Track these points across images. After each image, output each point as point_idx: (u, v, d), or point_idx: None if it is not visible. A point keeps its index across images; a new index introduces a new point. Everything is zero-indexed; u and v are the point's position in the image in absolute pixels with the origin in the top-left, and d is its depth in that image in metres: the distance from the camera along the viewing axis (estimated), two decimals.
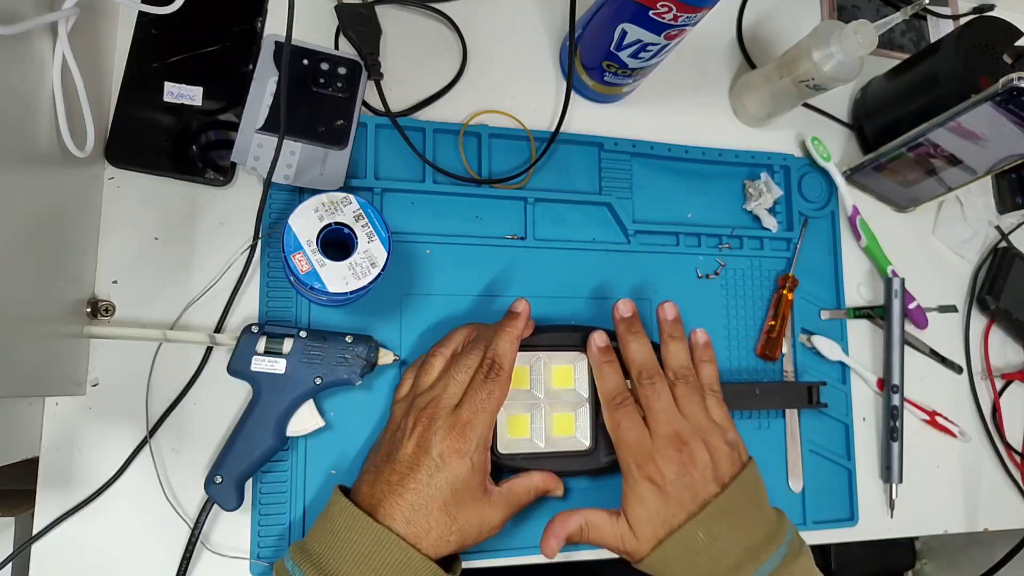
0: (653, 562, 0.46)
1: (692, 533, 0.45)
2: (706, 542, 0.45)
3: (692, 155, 0.62)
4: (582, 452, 0.51)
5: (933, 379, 0.67)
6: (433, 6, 0.59)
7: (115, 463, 0.47)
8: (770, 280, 0.63)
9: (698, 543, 0.45)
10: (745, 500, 0.47)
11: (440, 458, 0.43)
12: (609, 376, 0.50)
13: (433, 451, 0.43)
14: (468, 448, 0.44)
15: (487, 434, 0.45)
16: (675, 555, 0.45)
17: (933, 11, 0.77)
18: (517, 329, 0.47)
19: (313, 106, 0.52)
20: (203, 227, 0.51)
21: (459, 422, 0.44)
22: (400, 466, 0.43)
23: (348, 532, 0.41)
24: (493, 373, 0.45)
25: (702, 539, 0.45)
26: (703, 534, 0.45)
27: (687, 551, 0.45)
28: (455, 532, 0.43)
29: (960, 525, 0.66)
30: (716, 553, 0.44)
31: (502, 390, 0.46)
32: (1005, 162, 0.60)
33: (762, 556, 0.44)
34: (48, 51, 0.41)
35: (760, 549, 0.45)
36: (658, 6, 0.47)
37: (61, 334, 0.44)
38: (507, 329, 0.47)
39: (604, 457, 0.51)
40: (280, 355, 0.47)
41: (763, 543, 0.45)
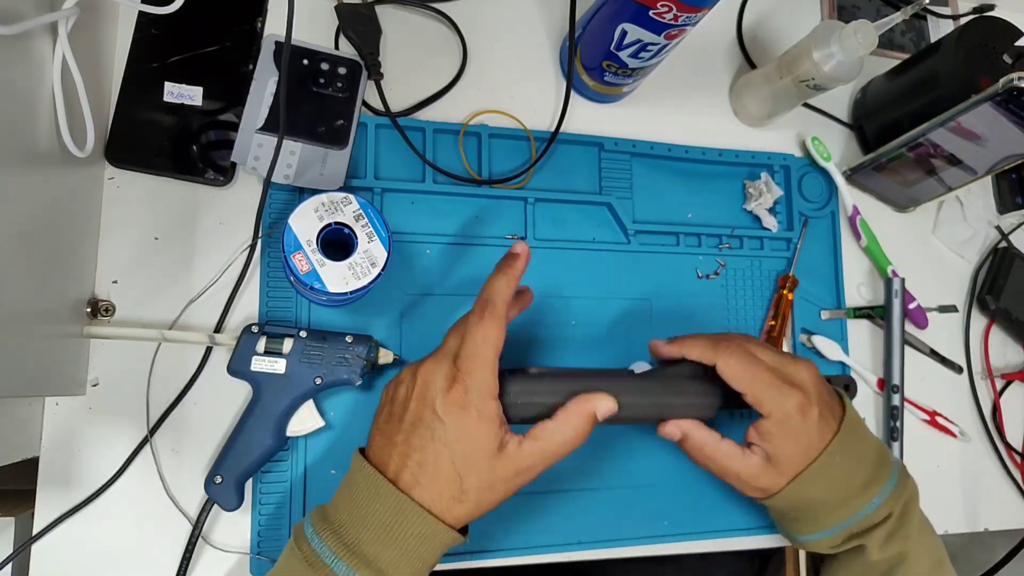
0: (790, 492, 0.46)
1: (831, 459, 0.46)
2: (841, 465, 0.46)
3: (692, 155, 0.62)
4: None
5: (933, 379, 0.67)
6: (433, 6, 0.59)
7: (115, 463, 0.47)
8: (770, 280, 0.63)
9: (835, 467, 0.46)
10: (859, 421, 0.49)
11: (443, 412, 0.40)
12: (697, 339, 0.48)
13: (435, 404, 0.40)
14: (469, 398, 0.40)
15: (491, 380, 0.41)
16: (814, 482, 0.46)
17: (933, 11, 0.77)
18: (515, 270, 0.44)
19: (313, 106, 0.52)
20: (203, 227, 0.51)
21: (458, 371, 0.41)
22: (404, 424, 0.41)
23: (370, 501, 0.39)
24: (487, 313, 0.42)
25: (839, 463, 0.46)
26: (840, 458, 0.46)
27: (825, 477, 0.46)
28: (468, 491, 0.40)
29: (960, 525, 0.66)
30: (849, 473, 0.47)
31: (497, 330, 0.42)
32: (1005, 162, 0.60)
33: (884, 470, 0.48)
34: (48, 51, 0.41)
35: (881, 464, 0.48)
36: (658, 6, 0.47)
37: (61, 334, 0.44)
38: (503, 269, 0.44)
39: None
40: (280, 355, 0.47)
41: (881, 459, 0.48)
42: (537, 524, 0.53)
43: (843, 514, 0.47)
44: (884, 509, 0.46)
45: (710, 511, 0.57)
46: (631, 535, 0.55)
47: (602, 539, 0.54)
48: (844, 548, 0.48)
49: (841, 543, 0.48)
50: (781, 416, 0.46)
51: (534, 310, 0.56)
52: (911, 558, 0.47)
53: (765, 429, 0.46)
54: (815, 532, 0.48)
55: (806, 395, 0.46)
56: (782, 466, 0.46)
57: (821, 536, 0.48)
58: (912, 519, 0.48)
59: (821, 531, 0.48)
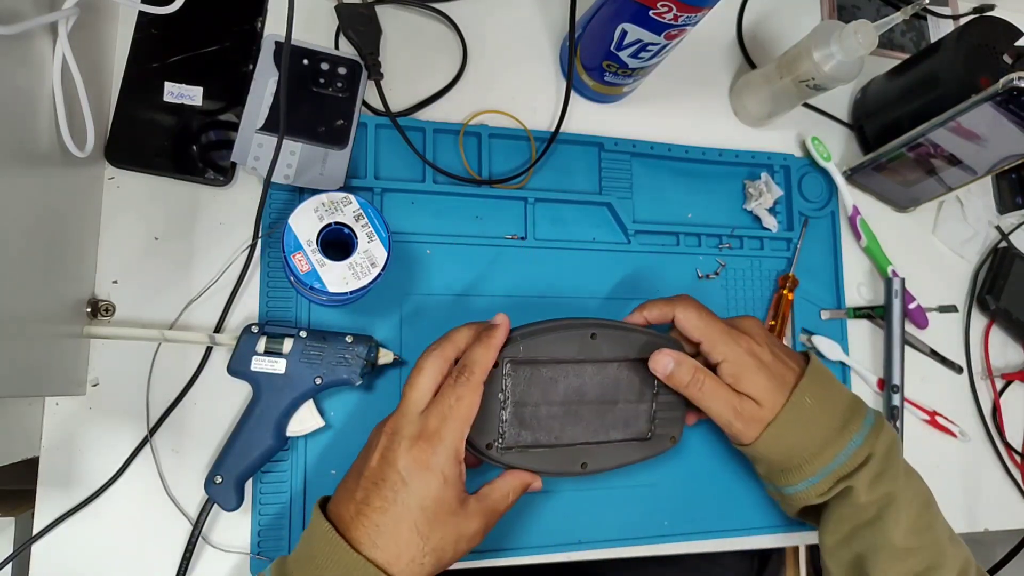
0: (769, 438, 0.48)
1: (800, 399, 0.48)
2: (813, 407, 0.48)
3: (692, 155, 0.62)
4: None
5: (933, 379, 0.67)
6: (433, 6, 0.59)
7: (115, 463, 0.47)
8: (770, 280, 0.63)
9: (807, 408, 0.48)
10: (826, 373, 0.51)
11: (406, 472, 0.40)
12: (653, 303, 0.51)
13: (398, 464, 0.40)
14: (436, 460, 0.40)
15: (458, 444, 0.41)
16: (789, 425, 0.48)
17: (933, 11, 0.77)
18: (496, 340, 0.44)
19: (313, 106, 0.52)
20: (203, 227, 0.51)
21: (425, 431, 0.40)
22: (365, 482, 0.40)
23: (326, 560, 0.39)
24: (464, 378, 0.42)
25: (810, 404, 0.48)
26: (810, 399, 0.48)
27: (799, 419, 0.48)
28: (428, 554, 0.40)
29: (960, 525, 0.66)
30: (823, 415, 0.48)
31: (472, 396, 0.42)
32: (1005, 162, 0.60)
33: (860, 412, 0.49)
34: (48, 51, 0.41)
35: (856, 406, 0.50)
36: (658, 6, 0.47)
37: (61, 334, 0.44)
38: (484, 340, 0.44)
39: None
40: (280, 355, 0.47)
41: (854, 403, 0.50)
42: (537, 524, 0.53)
43: (825, 457, 0.48)
44: (864, 449, 0.47)
45: (710, 511, 0.57)
46: (631, 535, 0.55)
47: (602, 539, 0.54)
48: (833, 493, 0.48)
49: (828, 489, 0.48)
50: (735, 357, 0.48)
51: (534, 310, 0.56)
52: (900, 499, 0.47)
53: (731, 371, 0.48)
54: (802, 480, 0.49)
55: (753, 338, 0.49)
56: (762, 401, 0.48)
57: (809, 483, 0.48)
58: (896, 462, 0.49)
59: (808, 478, 0.48)
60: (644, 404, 0.51)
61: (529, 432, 0.48)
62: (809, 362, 0.50)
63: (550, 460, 0.48)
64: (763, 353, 0.49)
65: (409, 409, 0.42)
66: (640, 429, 0.51)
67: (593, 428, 0.50)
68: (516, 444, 0.47)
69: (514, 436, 0.47)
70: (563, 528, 0.54)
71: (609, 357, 0.50)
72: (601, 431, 0.50)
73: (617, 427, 0.50)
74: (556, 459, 0.49)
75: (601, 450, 0.50)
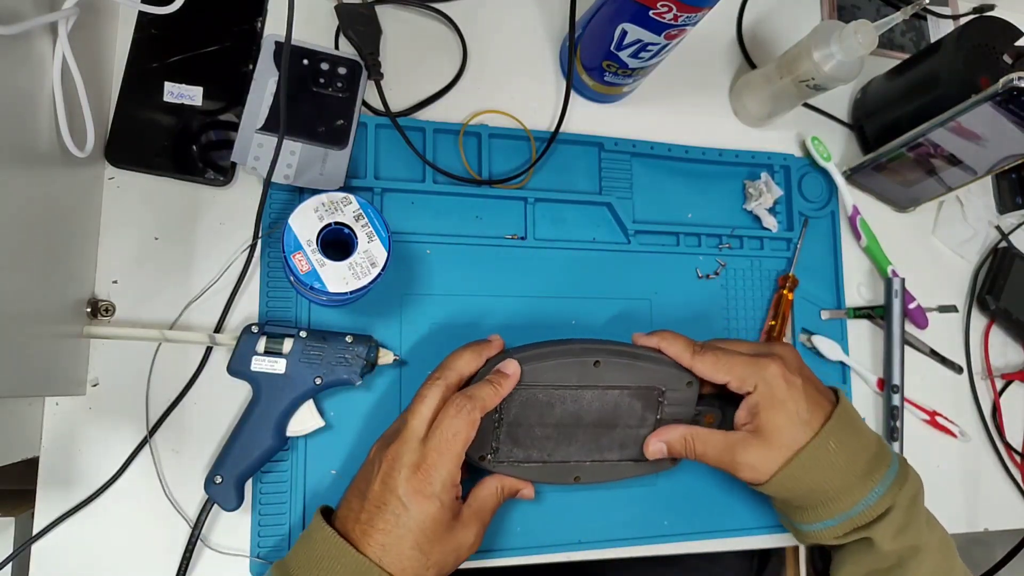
0: (785, 478, 0.46)
1: (824, 443, 0.46)
2: (837, 452, 0.46)
3: (692, 155, 0.62)
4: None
5: (933, 379, 0.67)
6: (433, 6, 0.59)
7: (115, 463, 0.47)
8: (770, 280, 0.63)
9: (830, 453, 0.46)
10: (853, 415, 0.49)
11: (406, 499, 0.42)
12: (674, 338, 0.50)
13: (399, 491, 0.42)
14: (433, 489, 0.42)
15: (454, 472, 0.43)
16: (809, 468, 0.46)
17: (933, 11, 0.77)
18: (504, 389, 0.45)
19: (313, 106, 0.52)
20: (203, 227, 0.51)
21: (424, 462, 0.42)
22: (369, 504, 0.42)
23: (330, 561, 0.41)
24: (465, 410, 0.43)
25: (834, 449, 0.46)
26: (834, 444, 0.46)
27: (820, 462, 0.46)
28: (431, 567, 0.42)
29: (960, 525, 0.66)
30: (846, 460, 0.46)
31: (469, 431, 0.43)
32: (1005, 162, 0.60)
33: (884, 462, 0.47)
34: (48, 51, 0.41)
35: (880, 456, 0.47)
36: (658, 6, 0.47)
37: (61, 334, 0.44)
38: (495, 384, 0.45)
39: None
40: (280, 355, 0.47)
41: (880, 450, 0.48)
42: (537, 524, 0.53)
43: (844, 504, 0.46)
44: (886, 500, 0.46)
45: (710, 511, 0.57)
46: (631, 535, 0.55)
47: (602, 539, 0.54)
48: (850, 539, 0.47)
49: (845, 534, 0.47)
50: (764, 387, 0.47)
51: (534, 310, 0.56)
52: (924, 551, 0.47)
53: (752, 402, 0.47)
54: (818, 521, 0.48)
55: (785, 363, 0.47)
56: (772, 441, 0.46)
57: (825, 525, 0.48)
58: (920, 512, 0.48)
59: (824, 520, 0.47)
60: (645, 429, 0.50)
61: (521, 450, 0.48)
62: (839, 402, 0.48)
63: (542, 473, 0.49)
64: (793, 381, 0.47)
65: (410, 436, 0.43)
66: (638, 452, 0.50)
67: (588, 449, 0.50)
68: (508, 459, 0.48)
69: (507, 452, 0.48)
70: (563, 528, 0.54)
71: (611, 385, 0.48)
72: (596, 452, 0.50)
73: (613, 449, 0.50)
74: (548, 472, 0.49)
75: (595, 467, 0.50)
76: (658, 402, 0.49)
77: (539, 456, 0.49)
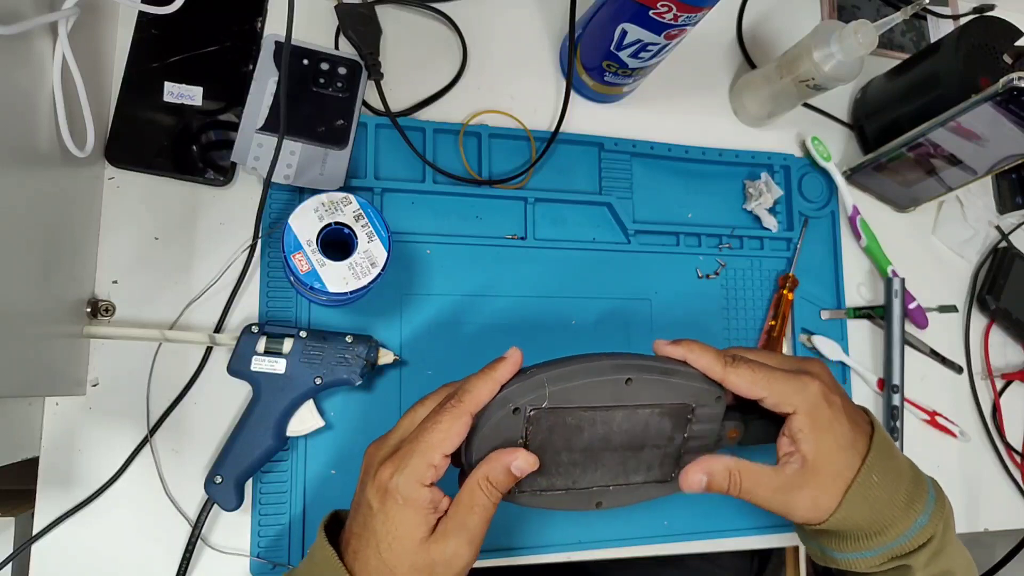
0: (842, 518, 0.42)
1: (868, 478, 0.43)
2: (880, 484, 0.43)
3: (692, 155, 0.62)
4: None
5: (933, 379, 0.67)
6: (433, 6, 0.59)
7: (115, 463, 0.47)
8: (770, 280, 0.63)
9: (875, 486, 0.43)
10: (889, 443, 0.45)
11: (372, 496, 0.38)
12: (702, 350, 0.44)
13: (367, 490, 0.38)
14: (396, 483, 0.37)
15: (422, 469, 0.37)
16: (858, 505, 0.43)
17: (933, 11, 0.77)
18: (498, 373, 0.40)
19: (313, 106, 0.52)
20: (203, 227, 0.51)
21: (394, 456, 0.39)
22: (352, 508, 0.40)
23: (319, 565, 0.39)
24: (449, 404, 0.39)
25: (877, 482, 0.43)
26: (877, 476, 0.43)
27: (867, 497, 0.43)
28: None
29: (960, 525, 0.66)
30: (889, 492, 0.43)
31: (451, 423, 0.38)
32: (1005, 162, 0.60)
33: (922, 488, 0.44)
34: (48, 51, 0.41)
35: (918, 482, 0.44)
36: (658, 6, 0.47)
37: (61, 334, 0.44)
38: (488, 370, 0.40)
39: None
40: (280, 355, 0.47)
41: (916, 476, 0.45)
42: (538, 524, 0.53)
43: (887, 537, 0.43)
44: (928, 529, 0.43)
45: (710, 511, 0.57)
46: (631, 535, 0.55)
47: (602, 539, 0.54)
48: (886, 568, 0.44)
49: (881, 564, 0.44)
50: (807, 406, 0.42)
51: (534, 310, 0.56)
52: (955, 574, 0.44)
53: (796, 427, 0.43)
54: (855, 552, 0.44)
55: (823, 383, 0.43)
56: (823, 472, 0.42)
57: (861, 556, 0.44)
58: (952, 537, 0.45)
59: (862, 551, 0.44)
60: (672, 448, 0.46)
61: (545, 478, 0.44)
62: (874, 429, 0.44)
63: (564, 501, 0.45)
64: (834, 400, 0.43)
65: (392, 435, 0.41)
66: (664, 472, 0.47)
67: (614, 473, 0.46)
68: (530, 489, 0.44)
69: (529, 482, 0.44)
70: (563, 528, 0.54)
71: (644, 403, 0.44)
72: (622, 475, 0.46)
73: (640, 471, 0.46)
74: (570, 500, 0.45)
75: (618, 491, 0.46)
76: (687, 419, 0.45)
77: (563, 484, 0.45)
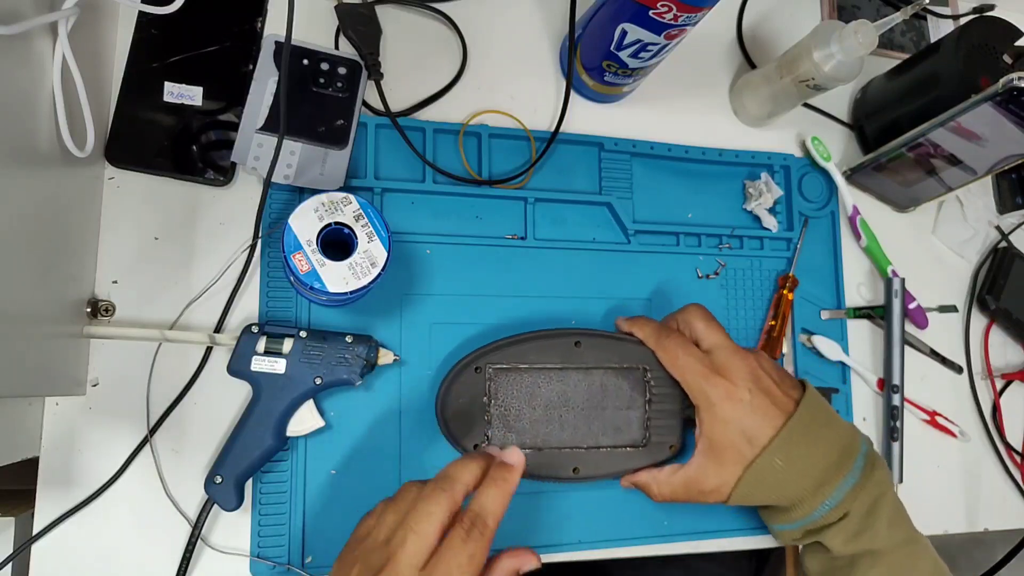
0: (739, 497, 0.47)
1: (769, 462, 0.46)
2: (784, 469, 0.46)
3: (692, 155, 0.62)
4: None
5: (933, 379, 0.67)
6: (433, 6, 0.59)
7: (115, 463, 0.47)
8: (770, 280, 0.63)
9: (775, 471, 0.46)
10: (814, 418, 0.48)
11: None
12: (645, 323, 0.52)
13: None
14: None
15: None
16: (754, 488, 0.46)
17: (933, 11, 0.77)
18: (511, 484, 0.37)
19: (313, 106, 0.52)
20: (203, 227, 0.51)
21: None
22: None
23: None
24: (477, 531, 0.35)
25: (780, 467, 0.46)
26: (781, 460, 0.46)
27: (763, 483, 0.46)
28: None
29: (960, 525, 0.66)
30: (796, 476, 0.46)
31: (484, 553, 0.35)
32: (1005, 162, 0.60)
33: (842, 471, 0.46)
34: (48, 51, 0.41)
35: (839, 465, 0.47)
36: (658, 6, 0.47)
37: (61, 334, 0.44)
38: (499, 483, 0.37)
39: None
40: (280, 355, 0.47)
41: (840, 458, 0.47)
42: (537, 524, 0.53)
43: (798, 513, 0.47)
44: (839, 509, 0.46)
45: (710, 511, 0.57)
46: (631, 535, 0.55)
47: (602, 539, 0.54)
48: (807, 541, 0.49)
49: (801, 537, 0.49)
50: (706, 405, 0.48)
51: (534, 310, 0.56)
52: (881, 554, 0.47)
53: (699, 418, 0.48)
54: (776, 524, 0.50)
55: (732, 382, 0.47)
56: (723, 457, 0.47)
57: (782, 528, 0.50)
58: (879, 517, 0.47)
59: (781, 524, 0.49)
60: (636, 411, 0.52)
61: (515, 435, 0.50)
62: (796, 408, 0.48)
63: (539, 463, 0.50)
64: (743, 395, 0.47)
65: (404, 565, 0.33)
66: (634, 436, 0.52)
67: (581, 433, 0.51)
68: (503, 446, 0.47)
69: (500, 438, 0.49)
70: (563, 528, 0.54)
71: (593, 364, 0.51)
72: (589, 436, 0.51)
73: (607, 433, 0.51)
74: (545, 462, 0.50)
75: (592, 456, 0.51)
76: (645, 383, 0.51)
77: (533, 442, 0.50)
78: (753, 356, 0.49)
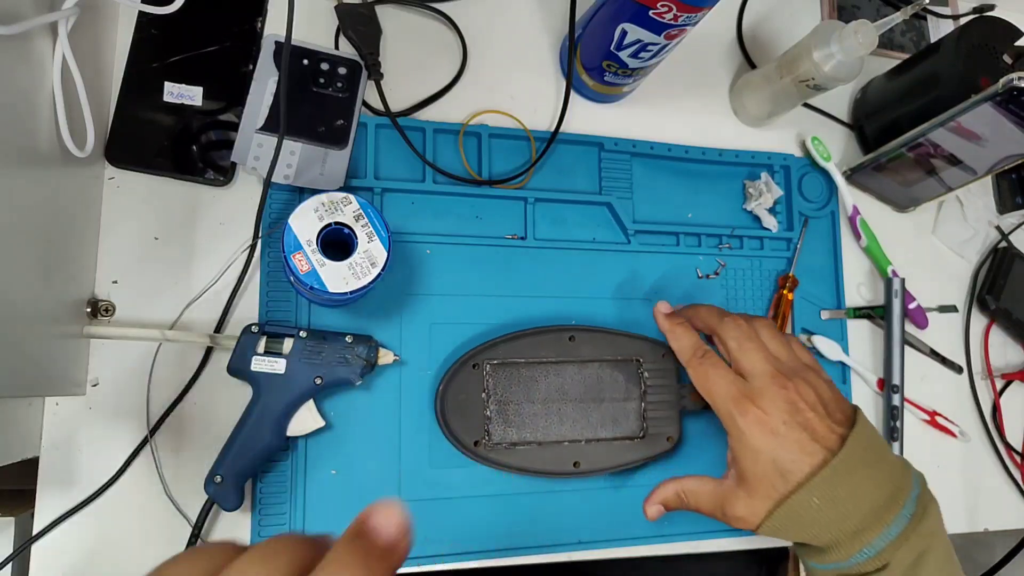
0: (769, 530, 0.43)
1: (806, 500, 0.42)
2: (821, 509, 0.41)
3: (692, 155, 0.62)
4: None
5: (933, 379, 0.67)
6: (433, 6, 0.59)
7: (115, 463, 0.47)
8: (770, 280, 0.63)
9: (812, 510, 0.42)
10: (861, 458, 0.43)
11: None
12: (684, 334, 0.49)
13: None
14: None
15: None
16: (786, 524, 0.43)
17: (933, 11, 0.77)
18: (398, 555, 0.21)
19: (313, 106, 0.52)
20: (203, 227, 0.51)
21: None
22: None
23: None
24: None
25: (817, 506, 0.42)
26: (819, 500, 0.41)
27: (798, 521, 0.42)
28: None
29: (960, 525, 0.66)
30: (835, 518, 0.42)
31: None
32: (1005, 162, 0.60)
33: (886, 517, 0.42)
34: (48, 51, 0.41)
35: (884, 510, 0.42)
36: (658, 6, 0.47)
37: (61, 334, 0.44)
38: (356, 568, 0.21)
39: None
40: (280, 355, 0.47)
41: (887, 502, 0.42)
42: (537, 524, 0.53)
43: (832, 556, 0.43)
44: (879, 559, 0.42)
45: None
46: (631, 535, 0.55)
47: (602, 539, 0.54)
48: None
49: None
50: (735, 430, 0.44)
51: (534, 310, 0.56)
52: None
53: (729, 443, 0.45)
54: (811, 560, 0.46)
55: (765, 411, 0.43)
56: (753, 487, 0.44)
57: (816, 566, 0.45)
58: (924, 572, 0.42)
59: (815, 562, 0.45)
60: (632, 403, 0.52)
61: (514, 430, 0.50)
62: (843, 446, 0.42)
63: (540, 458, 0.50)
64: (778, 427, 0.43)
65: None
66: (631, 428, 0.52)
67: (580, 426, 0.51)
68: (503, 441, 0.49)
69: (500, 433, 0.50)
70: (563, 528, 0.54)
71: (588, 357, 0.52)
72: (588, 429, 0.51)
73: (605, 425, 0.52)
74: (546, 457, 0.50)
75: (592, 449, 0.51)
76: (639, 375, 0.52)
77: (532, 436, 0.50)
78: (795, 386, 0.44)
